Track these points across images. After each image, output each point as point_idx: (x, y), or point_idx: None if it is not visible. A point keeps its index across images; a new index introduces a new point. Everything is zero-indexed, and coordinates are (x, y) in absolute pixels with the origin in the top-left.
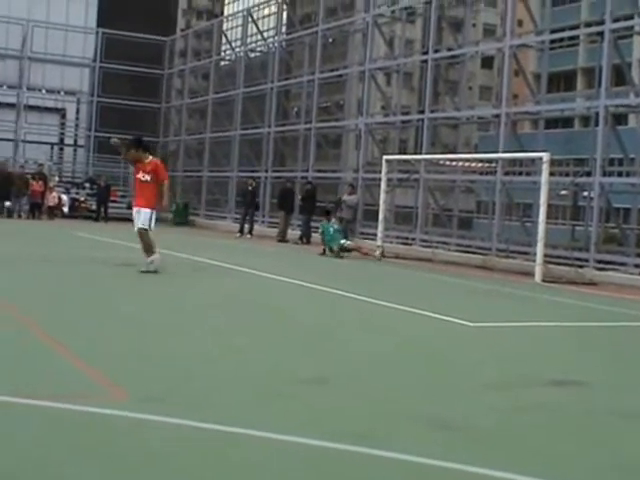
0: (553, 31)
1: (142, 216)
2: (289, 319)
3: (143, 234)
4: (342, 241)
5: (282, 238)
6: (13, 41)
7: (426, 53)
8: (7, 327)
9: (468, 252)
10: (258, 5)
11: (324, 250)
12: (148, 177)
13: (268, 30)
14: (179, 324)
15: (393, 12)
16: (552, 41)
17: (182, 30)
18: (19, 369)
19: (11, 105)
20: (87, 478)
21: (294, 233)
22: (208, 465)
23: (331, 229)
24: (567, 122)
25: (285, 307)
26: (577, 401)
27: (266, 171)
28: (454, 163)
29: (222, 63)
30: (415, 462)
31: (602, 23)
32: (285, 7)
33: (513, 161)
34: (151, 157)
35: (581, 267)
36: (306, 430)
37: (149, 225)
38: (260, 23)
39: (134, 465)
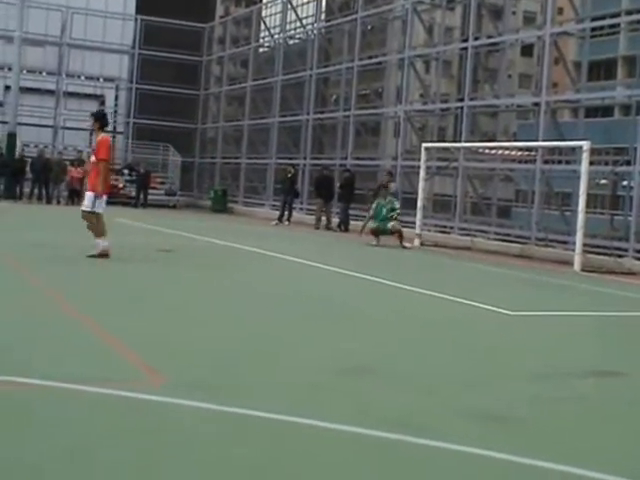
0: (594, 19)
1: (85, 199)
2: (331, 307)
3: (86, 217)
4: (390, 224)
5: (319, 225)
6: (53, 28)
7: (466, 41)
8: (49, 312)
9: (507, 241)
10: None
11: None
12: (93, 156)
13: (307, 17)
14: (221, 311)
15: None
16: (593, 29)
17: (221, 17)
18: (59, 353)
19: (50, 92)
20: (125, 463)
21: (332, 221)
22: (250, 453)
23: (384, 210)
24: (607, 111)
25: (326, 295)
26: (618, 391)
27: (304, 158)
28: (493, 151)
29: (261, 50)
30: (461, 451)
31: None
32: None
33: (552, 149)
34: (102, 134)
35: (620, 257)
36: (354, 419)
37: (91, 208)
38: (299, 10)
39: (172, 451)
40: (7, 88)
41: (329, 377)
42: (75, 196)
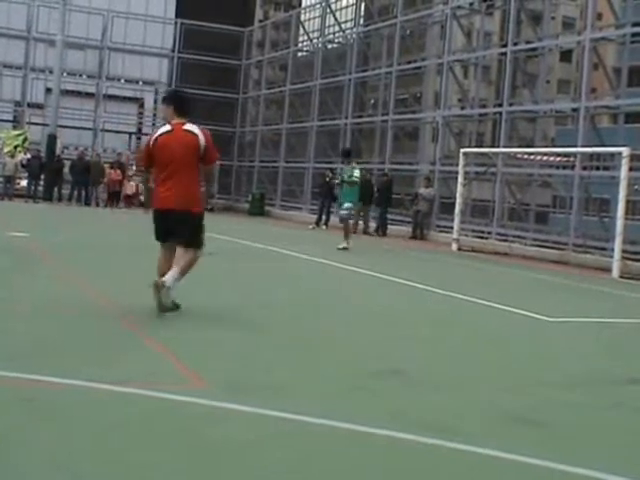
0: (635, 24)
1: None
2: (368, 311)
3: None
4: (343, 211)
5: (356, 230)
6: (93, 31)
7: (505, 46)
8: (91, 314)
9: (544, 247)
10: None
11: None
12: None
13: (346, 22)
14: (258, 315)
15: (472, 4)
16: (633, 34)
17: (260, 21)
18: (100, 355)
19: (90, 94)
20: (164, 466)
21: (370, 225)
22: (287, 456)
23: (345, 175)
24: None
25: (364, 299)
26: None
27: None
28: (531, 157)
29: (300, 54)
30: (500, 457)
31: None
32: None
33: (591, 155)
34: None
35: None
36: (390, 422)
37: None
38: (338, 14)
39: (211, 454)
40: (48, 90)
41: (365, 379)
42: (115, 198)
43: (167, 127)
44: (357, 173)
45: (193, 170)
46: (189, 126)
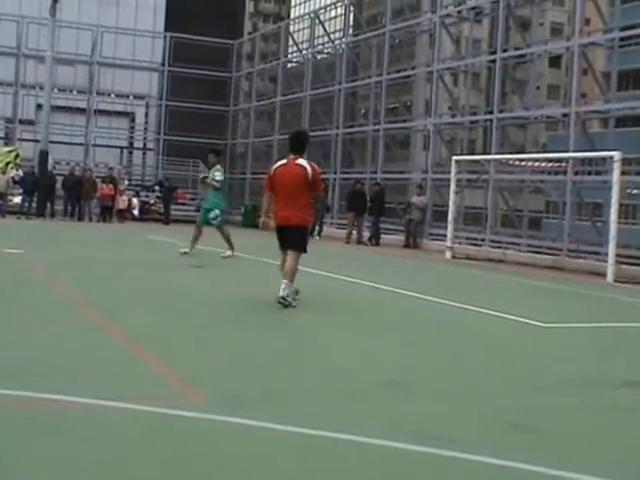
0: (623, 29)
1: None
2: (364, 319)
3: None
4: (213, 221)
5: (350, 240)
6: (83, 47)
7: (494, 53)
8: (87, 329)
9: (539, 252)
10: (325, 7)
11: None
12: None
13: (335, 32)
14: (252, 324)
15: (460, 12)
16: (622, 39)
17: (249, 33)
18: (96, 370)
19: (81, 110)
20: None
21: (364, 235)
22: (288, 468)
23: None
24: (638, 120)
25: (361, 307)
26: None
27: (334, 173)
28: (523, 163)
29: (289, 65)
30: (497, 464)
31: None
32: (352, 9)
33: (583, 160)
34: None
35: None
36: (388, 432)
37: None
38: (327, 25)
39: (210, 468)
40: (39, 107)
41: (361, 389)
42: (107, 213)
43: (284, 161)
44: (219, 176)
45: (302, 195)
46: (300, 161)
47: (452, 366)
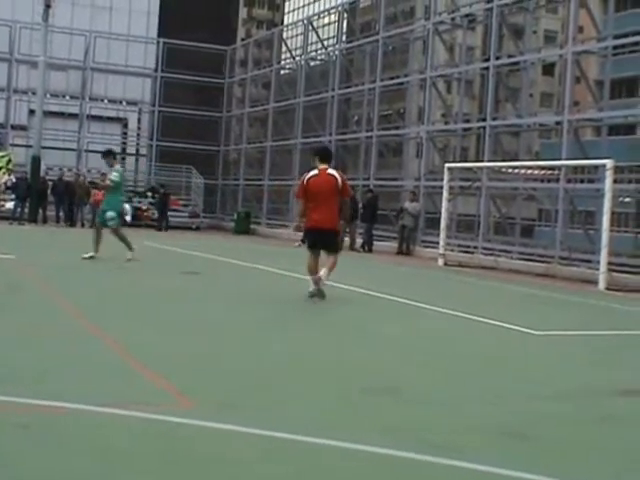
0: (616, 37)
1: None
2: (357, 329)
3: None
4: (110, 222)
5: (342, 246)
6: (76, 52)
7: (487, 60)
8: (78, 335)
9: (531, 260)
10: (318, 14)
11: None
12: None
13: (328, 39)
14: (246, 331)
15: (453, 19)
16: (615, 47)
17: (242, 39)
18: (88, 377)
19: (74, 115)
20: None
21: (356, 241)
22: (282, 475)
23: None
24: (630, 128)
25: (355, 317)
26: None
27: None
28: (516, 171)
29: (282, 72)
30: (494, 473)
31: None
32: (345, 15)
33: (576, 168)
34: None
35: None
36: (382, 440)
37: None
38: (320, 31)
39: (202, 475)
40: (31, 112)
41: (357, 397)
42: None
43: (315, 171)
44: (115, 177)
45: (333, 201)
46: (331, 171)
47: (445, 374)
